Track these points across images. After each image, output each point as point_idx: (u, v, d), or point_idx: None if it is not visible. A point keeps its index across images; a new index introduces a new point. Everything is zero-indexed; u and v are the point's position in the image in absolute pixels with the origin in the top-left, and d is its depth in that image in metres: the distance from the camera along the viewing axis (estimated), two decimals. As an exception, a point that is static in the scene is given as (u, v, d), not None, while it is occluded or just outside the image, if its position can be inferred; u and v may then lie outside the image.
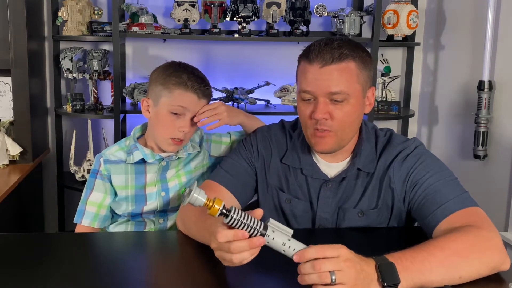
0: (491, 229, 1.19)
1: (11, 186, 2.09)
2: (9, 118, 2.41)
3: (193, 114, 1.53)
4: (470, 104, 2.46)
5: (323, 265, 0.96)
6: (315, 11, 2.74)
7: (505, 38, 2.25)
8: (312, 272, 0.97)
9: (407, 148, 1.39)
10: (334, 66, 1.27)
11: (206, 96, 1.56)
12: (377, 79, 2.78)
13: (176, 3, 2.58)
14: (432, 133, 2.89)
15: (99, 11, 2.68)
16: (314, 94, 1.29)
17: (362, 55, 1.32)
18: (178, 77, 1.51)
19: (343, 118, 1.30)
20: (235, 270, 1.14)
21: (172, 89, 1.51)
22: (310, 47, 1.32)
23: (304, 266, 0.97)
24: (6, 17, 2.30)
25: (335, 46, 1.28)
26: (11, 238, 1.36)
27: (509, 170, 2.20)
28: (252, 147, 1.49)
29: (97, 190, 1.57)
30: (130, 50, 2.82)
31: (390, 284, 1.01)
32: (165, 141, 1.54)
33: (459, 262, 1.08)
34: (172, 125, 1.52)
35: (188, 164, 1.61)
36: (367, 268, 1.01)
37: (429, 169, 1.34)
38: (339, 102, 1.29)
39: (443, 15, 2.77)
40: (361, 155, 1.39)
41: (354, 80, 1.29)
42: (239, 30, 2.63)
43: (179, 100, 1.51)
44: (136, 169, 1.57)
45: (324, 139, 1.32)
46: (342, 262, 0.97)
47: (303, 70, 1.32)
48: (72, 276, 1.11)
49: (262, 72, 2.86)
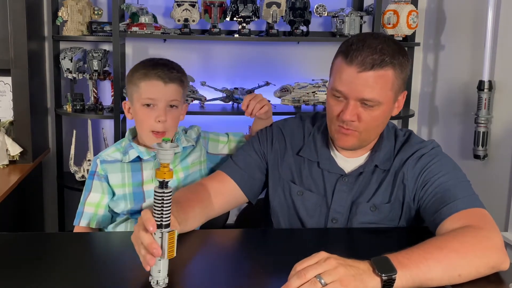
0: (492, 230, 1.18)
1: (11, 186, 2.09)
2: (9, 118, 2.41)
3: (166, 101, 1.52)
4: (470, 104, 2.46)
5: (308, 273, 0.96)
6: (315, 11, 2.74)
7: (505, 38, 2.25)
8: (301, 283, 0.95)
9: (424, 148, 1.39)
10: (372, 73, 1.25)
11: (174, 79, 1.53)
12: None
13: (176, 3, 2.58)
14: (432, 133, 2.89)
15: (99, 11, 2.68)
16: (347, 96, 1.28)
17: (402, 61, 1.29)
18: (142, 70, 1.52)
19: (371, 121, 1.30)
20: (236, 269, 1.14)
21: (138, 83, 1.52)
22: (351, 44, 1.27)
23: (291, 281, 0.96)
24: (6, 17, 2.30)
25: (378, 50, 1.25)
26: (11, 238, 1.36)
27: (509, 170, 2.20)
28: (266, 140, 1.51)
29: (94, 191, 1.58)
30: (130, 50, 2.82)
31: (387, 275, 0.99)
32: (148, 136, 1.54)
33: (457, 260, 1.07)
34: (148, 118, 1.52)
35: (185, 160, 1.61)
36: (357, 264, 1.01)
37: (442, 169, 1.34)
38: (369, 107, 1.28)
39: (443, 15, 2.77)
40: (380, 152, 1.39)
41: (389, 88, 1.28)
42: (239, 30, 2.63)
43: (146, 92, 1.51)
44: (133, 167, 1.57)
45: (348, 136, 1.33)
46: (324, 264, 0.97)
47: (339, 68, 1.29)
48: (72, 275, 1.11)
49: (262, 72, 2.86)
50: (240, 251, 1.30)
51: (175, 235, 1.03)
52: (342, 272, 0.96)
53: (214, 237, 1.37)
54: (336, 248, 1.30)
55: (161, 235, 1.02)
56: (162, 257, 1.02)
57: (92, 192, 1.58)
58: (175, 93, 1.54)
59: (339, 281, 0.95)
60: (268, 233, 1.48)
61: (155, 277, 1.03)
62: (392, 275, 1.00)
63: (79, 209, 1.59)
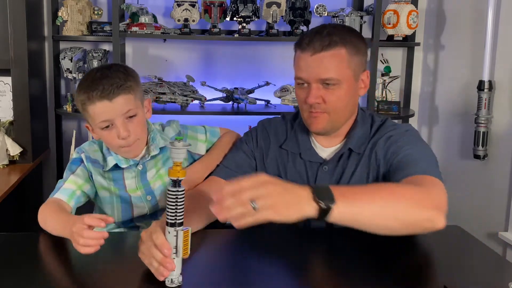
0: (438, 192, 1.19)
1: (11, 186, 2.09)
2: (9, 118, 2.41)
3: (121, 117, 1.39)
4: (470, 104, 2.46)
5: (243, 194, 0.95)
6: (315, 11, 2.74)
7: (505, 38, 2.25)
8: (235, 204, 0.95)
9: (397, 129, 1.43)
10: (324, 53, 1.33)
11: (119, 92, 1.38)
12: (377, 79, 2.77)
13: (176, 3, 2.58)
14: (432, 133, 2.89)
15: (99, 11, 2.68)
16: (307, 80, 1.36)
17: (354, 41, 1.37)
18: (83, 94, 1.40)
19: (336, 102, 1.36)
20: (236, 269, 1.14)
21: (85, 109, 1.41)
22: (303, 36, 1.39)
23: (226, 199, 0.96)
24: (6, 17, 2.30)
25: (325, 34, 1.34)
26: (11, 238, 1.36)
27: (509, 170, 2.20)
28: (252, 139, 1.54)
29: (78, 175, 1.49)
30: (130, 50, 2.82)
31: (325, 203, 0.99)
32: (119, 151, 1.48)
33: (395, 203, 1.08)
34: (111, 138, 1.42)
35: (167, 161, 1.55)
36: (297, 189, 1.00)
37: (410, 143, 1.37)
38: (330, 86, 1.35)
39: (443, 15, 2.77)
40: (353, 137, 1.43)
41: (345, 66, 1.35)
42: (239, 30, 2.63)
43: (96, 116, 1.40)
44: (114, 176, 1.51)
45: (318, 119, 1.38)
46: (261, 187, 0.96)
47: (297, 58, 1.39)
48: (72, 275, 1.11)
49: (262, 72, 2.86)
50: (240, 251, 1.30)
51: (189, 234, 1.04)
52: (276, 199, 0.96)
53: (214, 237, 1.37)
54: (337, 247, 1.30)
55: (176, 233, 1.02)
56: (176, 256, 1.02)
57: (75, 175, 1.49)
58: (126, 104, 1.40)
59: (271, 209, 0.95)
60: (268, 233, 1.48)
61: (170, 276, 1.04)
62: (330, 204, 1.00)
63: (57, 185, 1.48)
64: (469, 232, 1.42)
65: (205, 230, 1.37)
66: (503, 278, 1.13)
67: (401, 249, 1.32)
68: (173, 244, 1.03)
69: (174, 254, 1.03)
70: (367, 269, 1.16)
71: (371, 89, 2.68)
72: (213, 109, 2.67)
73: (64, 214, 1.36)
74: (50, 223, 1.34)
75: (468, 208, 2.48)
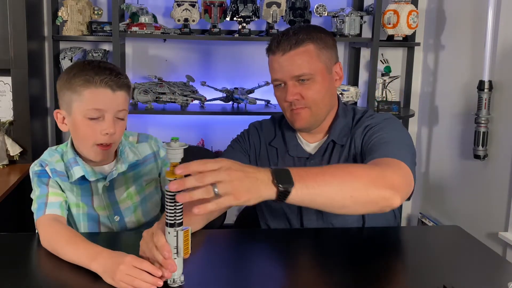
0: (394, 172, 1.19)
1: (11, 186, 2.09)
2: (9, 118, 2.41)
3: (114, 112, 1.31)
4: (470, 104, 2.46)
5: (205, 178, 0.95)
6: (315, 11, 2.73)
7: (505, 38, 2.24)
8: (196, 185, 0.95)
9: (375, 118, 1.45)
10: (294, 51, 1.39)
11: (122, 86, 1.33)
12: (377, 79, 2.77)
13: (176, 3, 2.58)
14: (432, 133, 2.89)
15: (99, 11, 2.68)
16: (282, 79, 1.42)
17: (320, 36, 1.42)
18: (83, 75, 1.29)
19: (313, 95, 1.41)
20: (237, 268, 1.14)
21: (81, 90, 1.29)
22: (271, 40, 1.44)
23: (189, 179, 0.96)
24: (6, 17, 2.30)
25: (291, 34, 1.40)
26: (11, 238, 1.36)
27: (509, 170, 2.20)
28: (244, 139, 1.58)
29: (53, 187, 1.36)
30: (130, 50, 2.82)
31: (283, 186, 1.00)
32: (91, 149, 1.34)
33: (351, 181, 1.10)
34: (93, 130, 1.31)
35: (138, 179, 1.44)
36: (257, 173, 1.01)
37: (387, 130, 1.38)
38: (305, 82, 1.40)
39: (443, 15, 2.77)
40: (335, 129, 1.47)
41: (315, 60, 1.40)
42: (239, 30, 2.63)
43: (92, 102, 1.29)
44: (82, 190, 1.38)
45: (300, 115, 1.43)
46: (223, 173, 0.96)
47: (270, 61, 1.45)
48: (72, 275, 1.11)
49: (262, 72, 2.83)
50: (240, 251, 1.30)
51: (189, 233, 1.04)
52: (237, 185, 0.96)
53: (214, 237, 1.37)
54: (336, 247, 1.30)
55: (176, 234, 1.02)
56: (177, 256, 1.03)
57: (51, 186, 1.35)
58: (124, 102, 1.34)
59: (232, 194, 0.96)
60: (268, 233, 1.48)
61: (171, 276, 1.04)
62: (288, 187, 1.01)
63: (39, 201, 1.32)
64: (469, 232, 1.42)
65: (206, 230, 1.37)
66: (503, 278, 1.13)
67: (401, 249, 1.32)
68: (173, 245, 1.03)
69: (175, 254, 1.03)
70: (366, 269, 1.16)
71: (371, 89, 2.68)
72: (213, 109, 2.67)
73: (82, 240, 1.19)
74: (66, 251, 1.17)
75: (468, 208, 2.48)
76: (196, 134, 2.88)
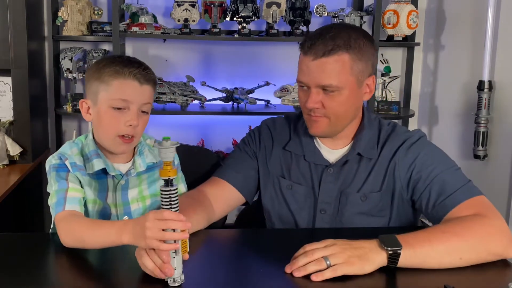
0: (496, 217, 1.23)
1: (11, 186, 2.09)
2: (9, 118, 2.41)
3: (140, 104, 1.33)
4: (470, 104, 2.46)
5: (316, 253, 1.06)
6: (315, 11, 2.74)
7: (505, 38, 2.25)
8: (307, 262, 1.06)
9: (412, 137, 1.41)
10: (326, 59, 1.29)
11: (149, 80, 1.36)
12: (377, 79, 2.77)
13: (176, 3, 2.58)
14: (432, 133, 2.89)
15: (99, 11, 2.68)
16: (308, 84, 1.33)
17: (359, 45, 1.31)
18: (113, 67, 1.33)
19: (336, 107, 1.33)
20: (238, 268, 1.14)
21: (109, 80, 1.32)
22: (306, 37, 1.35)
23: (299, 258, 1.07)
24: (6, 17, 2.30)
25: (329, 38, 1.30)
26: (11, 238, 1.36)
27: (509, 170, 2.20)
28: (254, 139, 1.53)
29: (72, 182, 1.33)
30: (130, 50, 2.82)
31: (392, 249, 1.07)
32: (113, 140, 1.34)
33: (459, 243, 1.14)
34: (117, 121, 1.32)
35: (153, 185, 1.44)
36: (363, 243, 1.10)
37: (434, 159, 1.37)
38: (330, 92, 1.31)
39: (443, 15, 2.77)
40: (361, 141, 1.41)
41: (347, 73, 1.31)
42: (239, 30, 2.63)
43: (119, 92, 1.31)
44: (99, 184, 1.37)
45: (317, 123, 1.36)
46: (330, 247, 1.07)
47: (300, 60, 1.36)
48: (72, 275, 1.11)
49: (262, 72, 2.86)
50: (240, 251, 1.30)
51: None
52: (348, 254, 1.05)
53: (214, 237, 1.37)
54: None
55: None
56: (176, 255, 1.03)
57: (70, 181, 1.33)
58: (150, 96, 1.37)
59: (345, 263, 1.04)
60: (268, 233, 1.48)
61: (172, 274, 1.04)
62: (397, 249, 1.08)
63: (59, 195, 1.29)
64: (469, 232, 1.41)
65: (206, 230, 1.37)
66: (503, 278, 1.13)
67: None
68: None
69: (173, 253, 1.03)
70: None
71: (371, 89, 2.68)
72: (213, 109, 2.67)
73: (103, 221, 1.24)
74: (94, 236, 1.18)
75: (468, 208, 2.47)
76: (196, 134, 2.89)
